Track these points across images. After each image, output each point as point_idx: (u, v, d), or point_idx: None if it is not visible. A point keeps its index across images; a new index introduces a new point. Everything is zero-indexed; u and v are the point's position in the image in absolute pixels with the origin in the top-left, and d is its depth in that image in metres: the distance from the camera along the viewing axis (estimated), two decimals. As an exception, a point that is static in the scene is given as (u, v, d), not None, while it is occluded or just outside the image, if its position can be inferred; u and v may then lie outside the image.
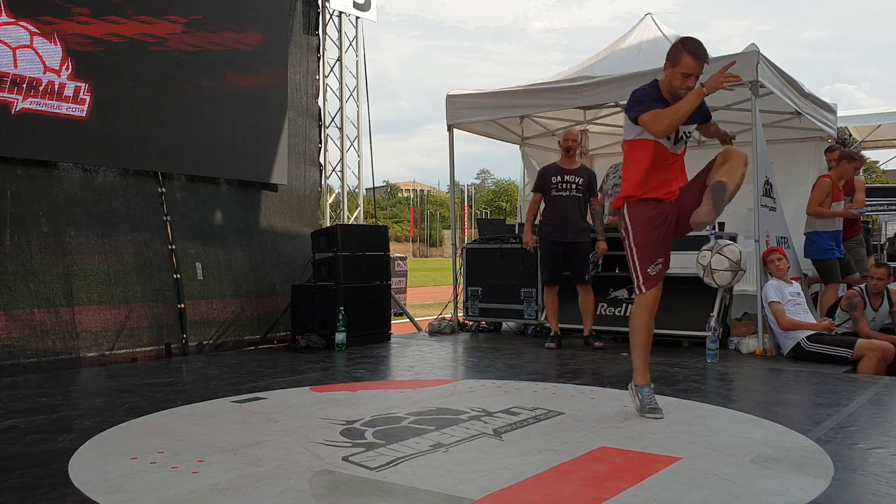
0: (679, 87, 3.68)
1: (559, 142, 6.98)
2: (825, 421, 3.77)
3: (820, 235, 6.95)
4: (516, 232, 8.24)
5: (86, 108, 5.93)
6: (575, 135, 6.88)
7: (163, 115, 6.47)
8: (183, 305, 6.37)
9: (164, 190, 6.51)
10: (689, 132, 3.86)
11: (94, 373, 5.46)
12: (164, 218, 6.46)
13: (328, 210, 8.79)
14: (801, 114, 7.50)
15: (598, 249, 6.75)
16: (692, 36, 3.82)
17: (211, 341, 6.54)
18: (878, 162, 19.71)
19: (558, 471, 2.90)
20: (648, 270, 3.82)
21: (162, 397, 4.44)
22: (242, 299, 6.91)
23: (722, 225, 7.16)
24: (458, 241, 8.74)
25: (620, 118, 8.94)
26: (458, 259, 8.37)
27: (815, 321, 6.12)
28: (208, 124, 6.83)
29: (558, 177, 6.71)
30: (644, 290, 3.85)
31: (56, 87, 5.76)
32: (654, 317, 3.92)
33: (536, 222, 6.92)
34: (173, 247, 6.43)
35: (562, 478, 2.81)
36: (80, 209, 5.95)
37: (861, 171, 7.54)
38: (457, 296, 8.28)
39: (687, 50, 3.67)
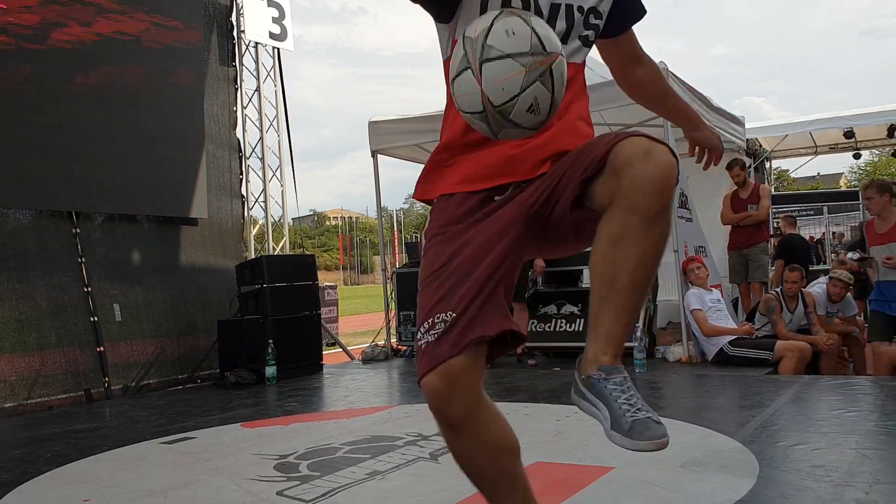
0: None
1: None
2: (750, 422, 3.89)
3: None
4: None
5: (-8, 149, 5.71)
6: None
7: (75, 153, 6.27)
8: (102, 348, 6.14)
9: (78, 230, 6.28)
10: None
11: (12, 423, 5.20)
12: (80, 259, 6.23)
13: (253, 242, 8.66)
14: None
15: (537, 267, 6.83)
16: None
17: (134, 383, 6.32)
18: (787, 170, 20.63)
19: (495, 489, 2.90)
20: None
21: (87, 444, 4.27)
22: (164, 339, 6.70)
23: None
24: (388, 266, 8.72)
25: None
26: (388, 285, 8.35)
27: (735, 326, 6.34)
28: (123, 161, 6.64)
29: None
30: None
31: (-41, 128, 5.53)
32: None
33: None
34: (89, 289, 6.21)
35: (499, 496, 2.82)
36: (-11, 254, 5.70)
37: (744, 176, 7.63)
38: (389, 321, 8.24)
39: None
